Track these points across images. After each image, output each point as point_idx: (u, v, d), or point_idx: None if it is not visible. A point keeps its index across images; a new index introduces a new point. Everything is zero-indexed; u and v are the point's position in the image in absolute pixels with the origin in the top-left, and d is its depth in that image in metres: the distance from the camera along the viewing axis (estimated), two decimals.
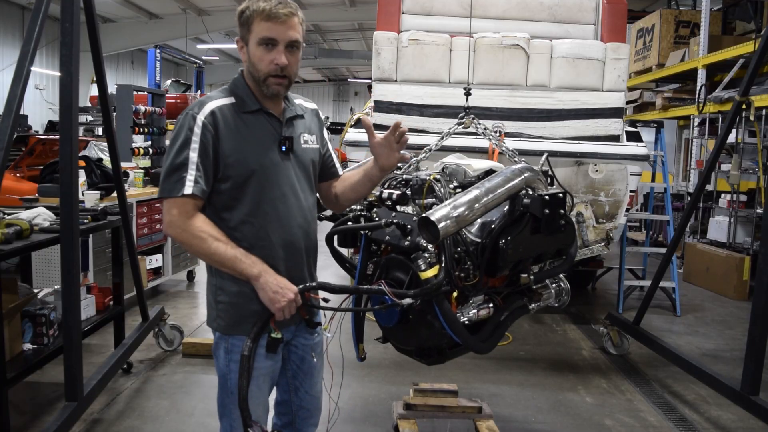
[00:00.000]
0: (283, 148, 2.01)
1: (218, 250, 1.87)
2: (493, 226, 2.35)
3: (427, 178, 2.54)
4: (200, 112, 1.91)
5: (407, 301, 2.11)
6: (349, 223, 2.58)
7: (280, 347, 2.03)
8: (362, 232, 2.48)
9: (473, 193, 2.24)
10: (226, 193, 1.95)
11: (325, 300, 2.09)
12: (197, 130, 1.88)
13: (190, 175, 1.87)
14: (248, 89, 2.00)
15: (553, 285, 2.64)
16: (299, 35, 1.95)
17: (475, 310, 2.37)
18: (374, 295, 2.23)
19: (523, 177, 2.40)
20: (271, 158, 1.98)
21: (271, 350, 1.99)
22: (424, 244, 2.20)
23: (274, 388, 2.22)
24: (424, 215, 2.13)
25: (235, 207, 1.96)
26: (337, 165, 2.31)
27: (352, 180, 2.25)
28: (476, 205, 2.20)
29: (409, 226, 2.27)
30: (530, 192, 2.40)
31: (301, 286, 1.97)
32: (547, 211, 2.35)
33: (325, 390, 2.35)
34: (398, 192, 2.56)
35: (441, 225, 2.09)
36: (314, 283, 2.04)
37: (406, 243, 2.27)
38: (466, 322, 2.33)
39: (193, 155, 1.87)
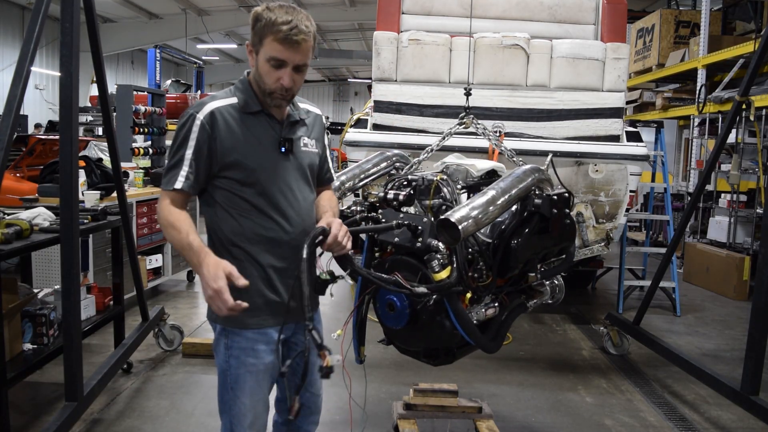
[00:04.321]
0: (283, 149, 2.04)
1: (173, 239, 1.94)
2: (503, 226, 2.36)
3: (434, 178, 2.53)
4: (200, 112, 1.97)
5: (421, 290, 2.11)
6: (356, 226, 2.54)
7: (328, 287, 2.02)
8: (365, 233, 2.47)
9: (490, 193, 2.24)
10: (229, 190, 2.01)
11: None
12: (195, 129, 1.96)
13: (183, 171, 1.95)
14: (252, 91, 2.03)
15: (548, 282, 2.66)
16: (308, 58, 1.95)
17: (484, 310, 2.37)
18: (386, 287, 2.21)
19: (533, 177, 2.42)
20: (271, 158, 2.03)
21: (320, 292, 2.01)
22: (436, 245, 2.18)
23: (275, 387, 2.23)
24: (443, 217, 2.12)
25: (236, 203, 2.01)
26: (332, 173, 2.32)
27: (320, 201, 2.23)
28: (492, 207, 2.21)
29: (420, 228, 2.26)
30: (538, 192, 2.42)
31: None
32: (555, 210, 2.37)
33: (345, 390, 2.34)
34: (405, 193, 2.54)
35: (462, 226, 2.08)
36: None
37: (418, 244, 2.25)
38: (475, 322, 2.34)
39: (188, 153, 1.95)
